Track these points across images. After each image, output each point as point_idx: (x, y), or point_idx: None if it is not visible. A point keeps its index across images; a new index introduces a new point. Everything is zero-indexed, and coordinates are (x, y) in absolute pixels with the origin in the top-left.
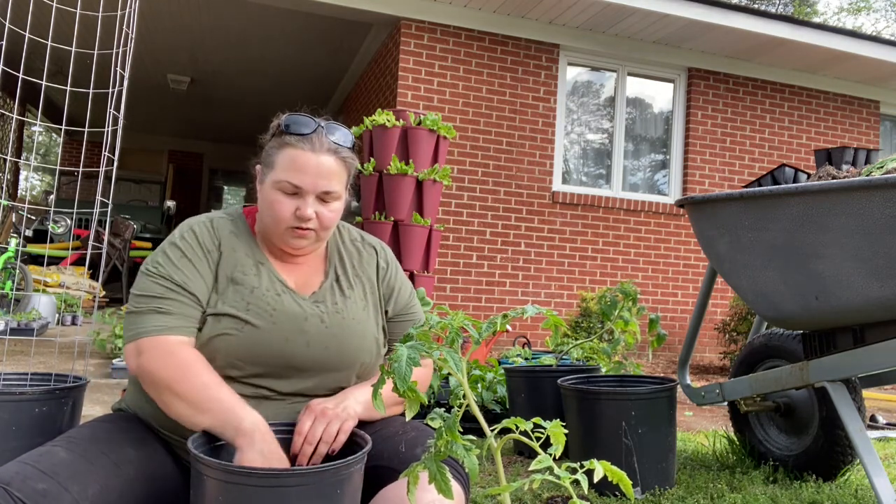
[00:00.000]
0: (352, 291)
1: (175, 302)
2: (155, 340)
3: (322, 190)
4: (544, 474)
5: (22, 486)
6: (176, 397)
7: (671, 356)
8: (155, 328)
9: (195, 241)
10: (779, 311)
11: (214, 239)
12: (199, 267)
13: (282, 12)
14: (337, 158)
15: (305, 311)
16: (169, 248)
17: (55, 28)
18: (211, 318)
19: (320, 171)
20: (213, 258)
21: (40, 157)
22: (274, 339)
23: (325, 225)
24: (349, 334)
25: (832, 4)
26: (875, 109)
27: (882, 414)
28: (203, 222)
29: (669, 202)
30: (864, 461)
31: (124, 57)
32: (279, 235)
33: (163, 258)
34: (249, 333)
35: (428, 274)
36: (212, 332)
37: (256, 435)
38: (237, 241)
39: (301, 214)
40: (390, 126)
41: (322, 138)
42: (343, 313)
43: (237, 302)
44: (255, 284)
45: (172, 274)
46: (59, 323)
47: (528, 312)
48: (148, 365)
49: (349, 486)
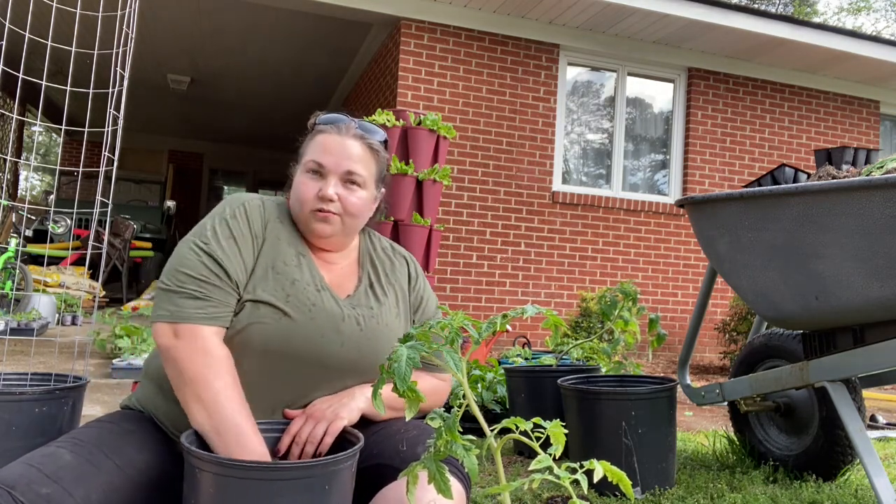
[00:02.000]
0: (386, 298)
1: (216, 289)
2: (194, 330)
3: (345, 169)
4: (544, 474)
5: (26, 490)
6: (193, 398)
7: (671, 356)
8: (196, 315)
9: (245, 222)
10: (779, 311)
11: (263, 222)
12: (243, 250)
13: (282, 12)
14: (363, 144)
15: (343, 311)
16: (219, 223)
17: (55, 28)
18: (249, 304)
19: (344, 151)
20: (258, 242)
21: (40, 157)
22: (310, 333)
23: (348, 210)
24: (383, 340)
25: (832, 4)
26: (875, 109)
27: (882, 414)
28: (255, 202)
29: (669, 202)
30: (864, 461)
31: (124, 57)
32: (304, 221)
33: (212, 233)
34: (287, 325)
35: (428, 274)
36: (249, 320)
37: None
38: (282, 229)
39: (323, 194)
40: (390, 126)
41: (350, 126)
42: (378, 318)
43: (277, 291)
44: (296, 276)
45: (219, 255)
46: (59, 323)
47: (528, 312)
48: (181, 354)
49: (337, 482)
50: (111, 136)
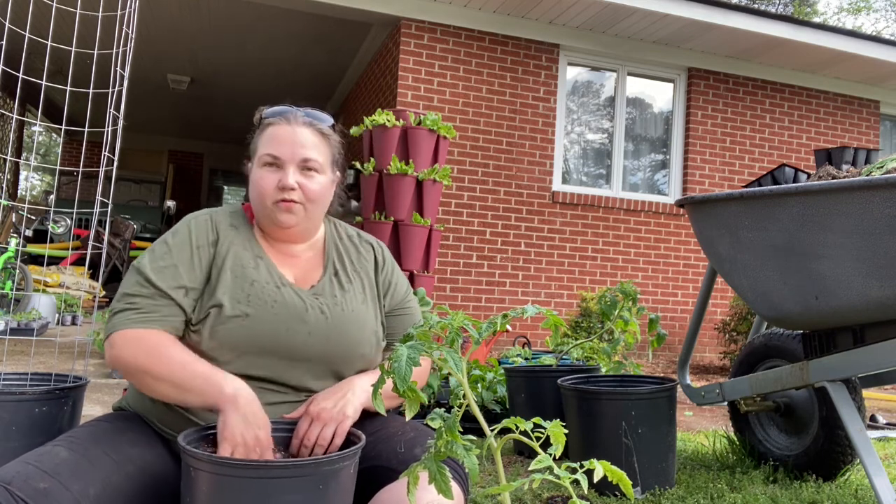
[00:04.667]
0: (350, 286)
1: (144, 299)
2: (122, 333)
3: (301, 157)
4: (544, 474)
5: (23, 485)
6: (157, 380)
7: (671, 356)
8: (122, 322)
9: (185, 237)
10: (779, 311)
11: (211, 234)
12: (181, 264)
13: (282, 12)
14: (314, 130)
15: (306, 302)
16: (158, 244)
17: (55, 28)
18: (213, 310)
19: (297, 140)
20: (204, 253)
21: (40, 157)
22: (276, 328)
23: (309, 196)
24: (349, 325)
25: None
26: (875, 109)
27: (882, 414)
28: (202, 217)
29: (669, 202)
30: (864, 461)
31: (124, 57)
32: (267, 214)
33: (148, 255)
34: (251, 323)
35: (428, 274)
36: (214, 324)
37: (240, 399)
38: (236, 235)
39: (283, 184)
40: (390, 126)
41: (297, 115)
42: (342, 306)
43: (237, 293)
44: (254, 277)
45: (149, 273)
46: (59, 323)
47: (528, 312)
48: (120, 354)
49: (336, 481)
50: (111, 136)
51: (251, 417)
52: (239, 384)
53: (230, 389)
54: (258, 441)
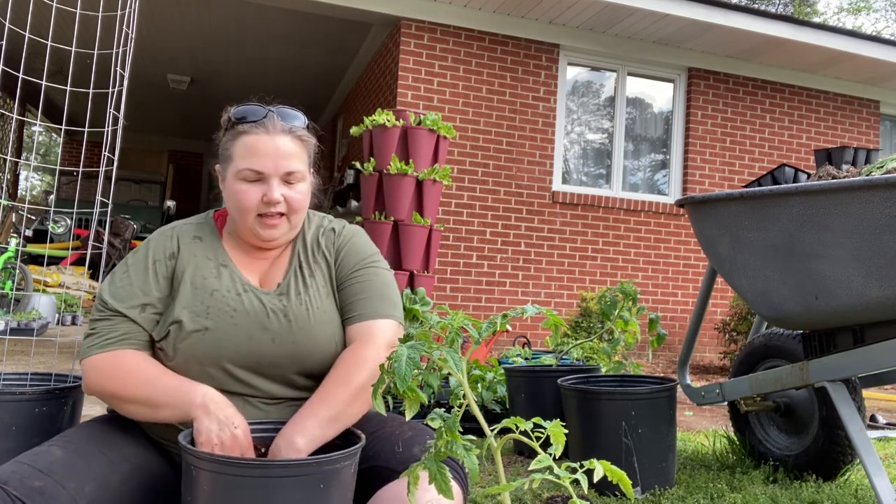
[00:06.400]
0: (312, 280)
1: (105, 323)
2: (88, 361)
3: (284, 171)
4: (544, 474)
5: (19, 484)
6: (127, 403)
7: (671, 356)
8: (88, 350)
9: (143, 255)
10: (779, 311)
11: (170, 248)
12: (136, 281)
13: (282, 12)
14: (293, 138)
15: (266, 307)
16: (119, 265)
17: (55, 28)
18: (173, 326)
19: (278, 151)
20: (161, 267)
21: (40, 157)
22: (237, 338)
23: (294, 208)
24: (315, 326)
25: (832, 4)
26: (875, 109)
27: (882, 414)
28: (164, 233)
29: (669, 202)
30: (864, 461)
31: (124, 57)
32: (249, 228)
33: (109, 278)
34: (212, 337)
35: (428, 274)
36: (177, 340)
37: (210, 405)
38: (199, 246)
39: (269, 199)
40: (390, 126)
41: (275, 121)
42: (307, 304)
43: (197, 306)
44: (215, 287)
45: (106, 297)
46: (59, 323)
47: (528, 312)
48: (88, 382)
49: (336, 481)
50: (111, 135)
51: (225, 420)
52: (208, 390)
53: (199, 398)
54: (235, 440)
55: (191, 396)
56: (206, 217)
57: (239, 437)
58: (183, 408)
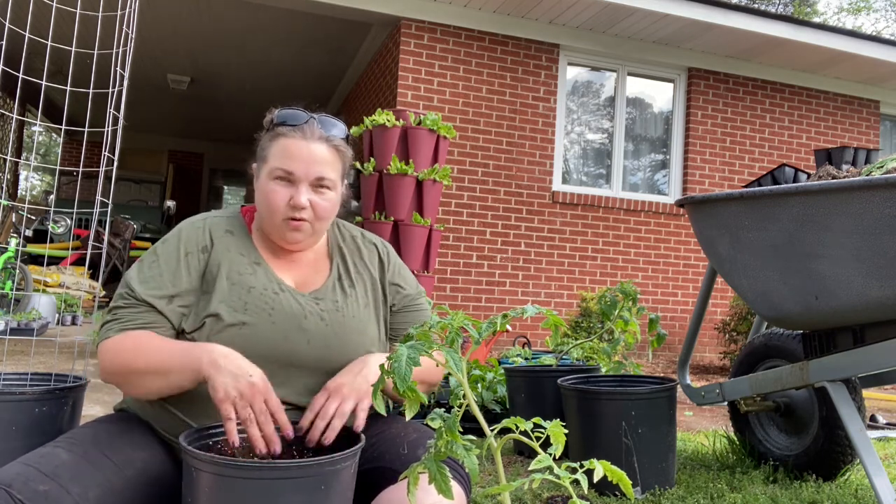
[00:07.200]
0: (353, 290)
1: (129, 310)
2: (104, 343)
3: (315, 176)
4: (544, 474)
5: (23, 487)
6: (141, 375)
7: (671, 356)
8: (105, 334)
9: (174, 245)
10: (779, 311)
11: (204, 240)
12: (166, 272)
13: (282, 12)
14: (329, 147)
15: (304, 309)
16: (148, 253)
17: (55, 28)
18: (210, 318)
19: (312, 157)
20: (193, 260)
21: (40, 157)
22: (273, 336)
23: (319, 215)
24: (350, 332)
25: (832, 4)
26: (875, 109)
27: (882, 414)
28: (196, 224)
29: (669, 202)
30: (864, 461)
31: (124, 57)
32: (276, 228)
33: (137, 265)
34: (249, 332)
35: (428, 274)
36: (211, 333)
37: (220, 360)
38: (232, 241)
39: (295, 202)
40: (390, 126)
41: (314, 128)
42: (343, 311)
43: (235, 301)
44: (252, 284)
45: (134, 284)
46: (59, 323)
47: (528, 312)
48: (103, 363)
49: (336, 482)
50: (111, 135)
51: (238, 371)
52: (216, 347)
53: (208, 355)
54: (254, 387)
55: (199, 356)
56: (234, 211)
57: (257, 384)
58: (193, 368)
